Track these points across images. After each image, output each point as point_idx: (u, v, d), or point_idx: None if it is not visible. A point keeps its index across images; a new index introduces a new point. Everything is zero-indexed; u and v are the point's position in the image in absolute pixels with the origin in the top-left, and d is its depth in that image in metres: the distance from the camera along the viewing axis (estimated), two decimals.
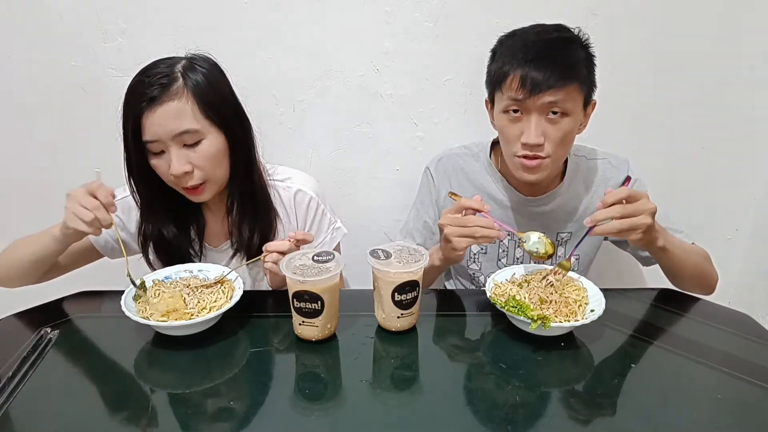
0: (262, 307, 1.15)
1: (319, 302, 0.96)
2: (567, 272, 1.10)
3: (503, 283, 1.11)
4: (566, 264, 1.10)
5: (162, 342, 1.00)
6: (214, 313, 1.00)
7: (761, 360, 0.97)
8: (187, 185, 1.12)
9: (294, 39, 1.48)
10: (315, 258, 1.00)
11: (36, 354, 0.97)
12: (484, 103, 1.26)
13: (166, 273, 1.13)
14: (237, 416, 0.83)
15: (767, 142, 1.64)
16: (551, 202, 1.31)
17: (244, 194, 1.20)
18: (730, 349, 1.01)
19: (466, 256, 1.38)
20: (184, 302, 1.03)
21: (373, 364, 0.97)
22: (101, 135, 1.52)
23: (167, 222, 1.20)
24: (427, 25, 1.48)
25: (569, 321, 0.99)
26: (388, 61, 1.51)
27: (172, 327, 0.98)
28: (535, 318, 0.96)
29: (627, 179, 1.22)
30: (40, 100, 1.54)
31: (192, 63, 1.11)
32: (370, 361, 0.98)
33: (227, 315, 1.03)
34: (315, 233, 1.31)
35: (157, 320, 0.98)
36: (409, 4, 1.46)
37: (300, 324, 1.00)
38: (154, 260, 1.24)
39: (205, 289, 1.08)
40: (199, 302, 1.03)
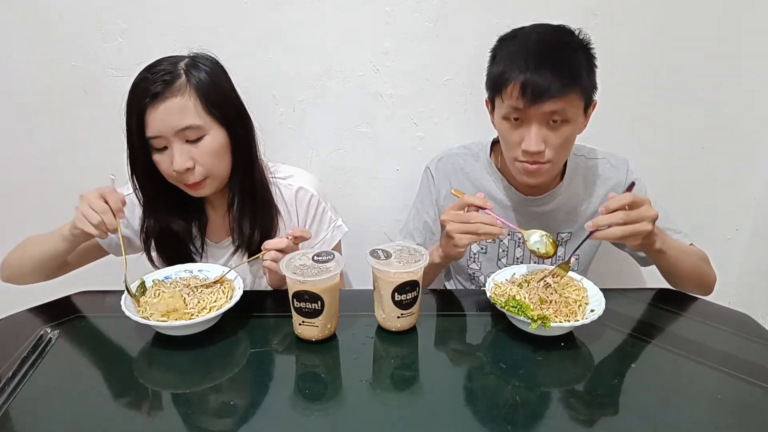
0: (262, 307, 1.15)
1: (319, 302, 0.96)
2: (565, 274, 1.10)
3: (503, 283, 1.11)
4: (565, 267, 1.10)
5: (162, 342, 1.00)
6: (214, 313, 1.00)
7: (761, 360, 0.97)
8: (189, 181, 1.13)
9: (294, 39, 1.48)
10: (315, 258, 1.00)
11: (36, 354, 0.97)
12: (485, 103, 1.26)
13: (166, 273, 1.14)
14: (237, 416, 0.83)
15: (767, 142, 1.64)
16: (551, 201, 1.31)
17: (245, 190, 1.21)
18: (730, 349, 1.01)
19: (466, 255, 1.38)
20: (184, 302, 1.03)
21: (373, 364, 0.97)
22: (101, 135, 1.53)
23: (169, 217, 1.21)
24: (427, 25, 1.48)
25: (569, 321, 0.99)
26: (388, 61, 1.51)
27: (172, 327, 0.98)
28: (535, 318, 0.96)
29: (632, 185, 1.21)
30: (40, 100, 1.54)
31: (195, 61, 1.13)
32: (370, 361, 0.98)
33: (227, 315, 1.03)
34: (315, 231, 1.32)
35: (157, 320, 0.98)
36: (409, 4, 1.45)
37: (300, 324, 1.00)
38: (156, 257, 1.25)
39: (205, 289, 1.08)
40: (199, 302, 1.03)
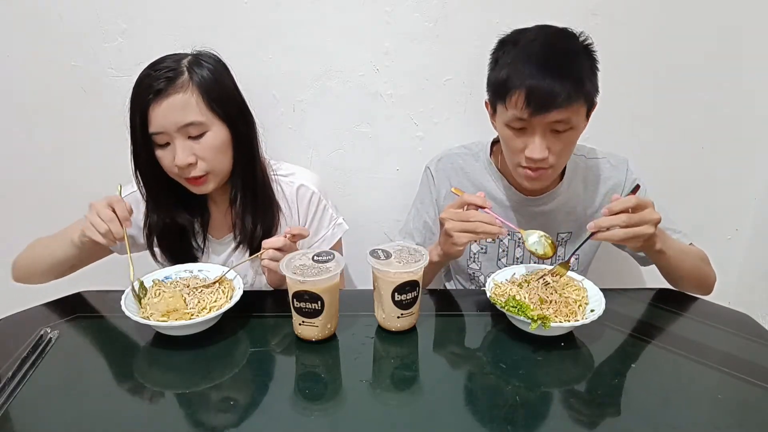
0: (262, 307, 1.15)
1: (319, 302, 0.96)
2: (565, 273, 1.10)
3: (503, 283, 1.11)
4: (564, 267, 1.10)
5: (162, 342, 1.00)
6: (214, 313, 1.00)
7: (761, 360, 0.97)
8: (190, 176, 1.14)
9: (294, 39, 1.48)
10: (315, 258, 1.00)
11: (36, 354, 0.97)
12: (485, 104, 1.26)
13: (166, 273, 1.14)
14: (237, 416, 0.83)
15: (767, 142, 1.64)
16: (551, 201, 1.31)
17: (247, 187, 1.22)
18: (730, 349, 1.01)
19: (465, 255, 1.38)
20: (184, 302, 1.03)
21: (373, 364, 0.97)
22: (101, 135, 1.53)
23: (172, 213, 1.23)
24: (427, 25, 1.48)
25: (569, 321, 0.99)
26: (388, 61, 1.51)
27: (172, 327, 0.98)
28: (535, 318, 0.96)
29: (636, 187, 1.21)
30: (40, 100, 1.54)
31: (197, 58, 1.14)
32: (370, 361, 0.98)
33: (227, 315, 1.03)
34: (316, 228, 1.33)
35: (157, 320, 0.98)
36: (409, 4, 1.45)
37: (300, 324, 1.00)
38: (158, 253, 1.26)
39: (205, 289, 1.08)
40: (199, 302, 1.03)
